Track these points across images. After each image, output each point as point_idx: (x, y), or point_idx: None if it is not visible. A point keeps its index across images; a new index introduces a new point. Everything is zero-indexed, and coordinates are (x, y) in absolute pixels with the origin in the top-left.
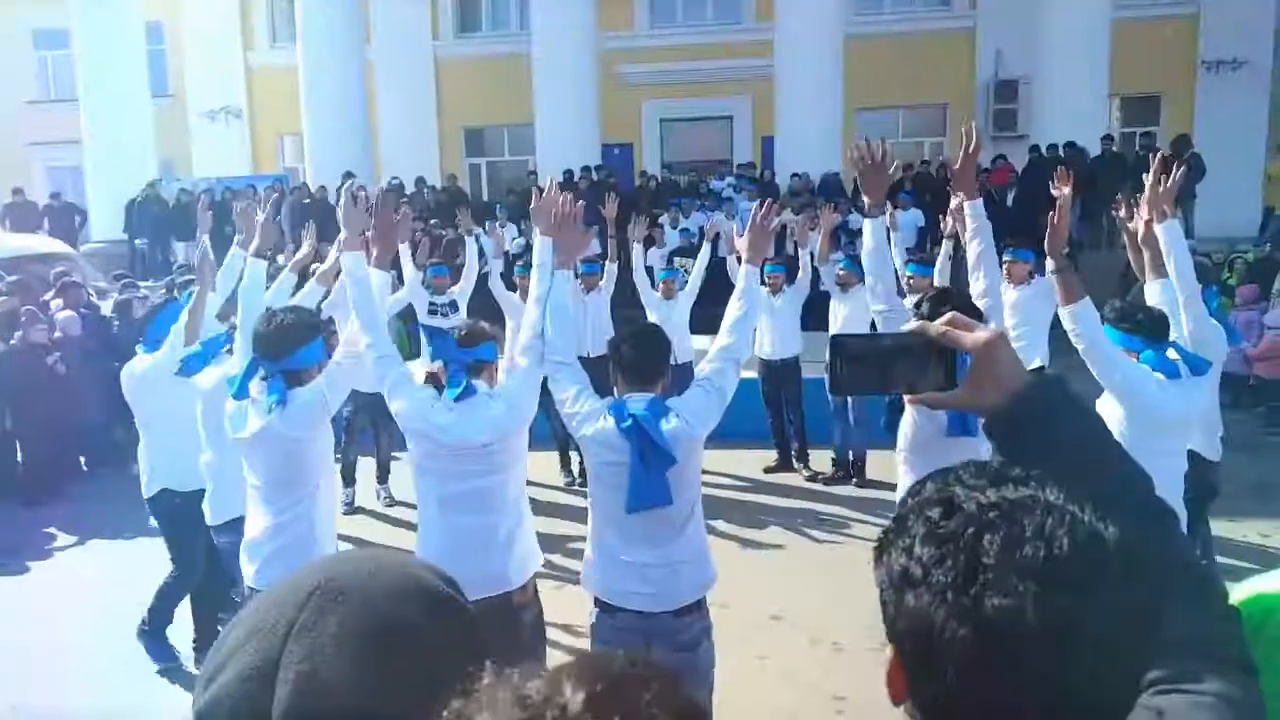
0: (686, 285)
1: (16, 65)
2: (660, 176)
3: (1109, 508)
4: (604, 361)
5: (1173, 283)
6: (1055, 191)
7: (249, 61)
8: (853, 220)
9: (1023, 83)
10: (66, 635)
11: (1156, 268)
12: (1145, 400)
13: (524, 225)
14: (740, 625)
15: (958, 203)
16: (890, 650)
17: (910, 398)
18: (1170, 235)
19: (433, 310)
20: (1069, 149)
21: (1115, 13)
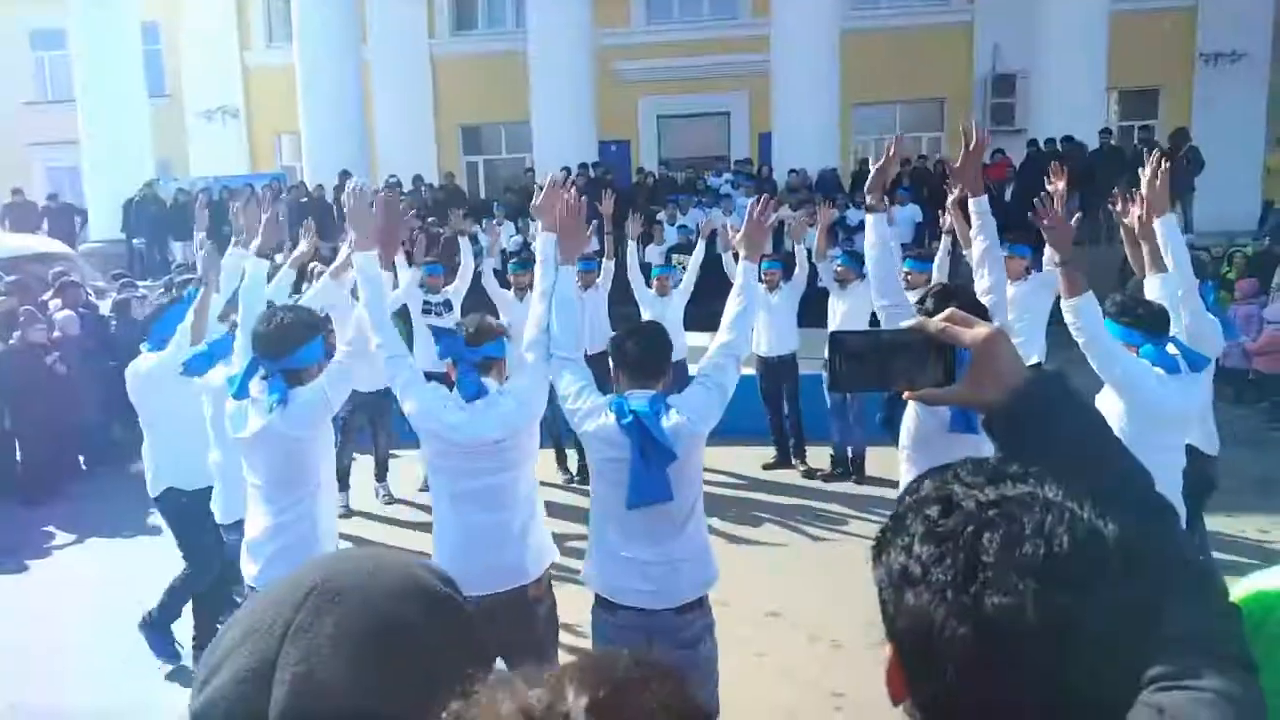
0: (681, 282)
1: (13, 66)
2: (657, 173)
3: (1109, 504)
4: (602, 358)
5: (1171, 278)
6: (1050, 186)
7: (245, 61)
8: (850, 216)
9: (1020, 77)
10: (65, 634)
11: (1155, 262)
12: (1145, 395)
13: (521, 223)
14: (739, 622)
15: (955, 198)
16: (889, 649)
17: (909, 394)
18: (1167, 230)
19: (427, 309)
20: (1067, 143)
21: (1113, 6)
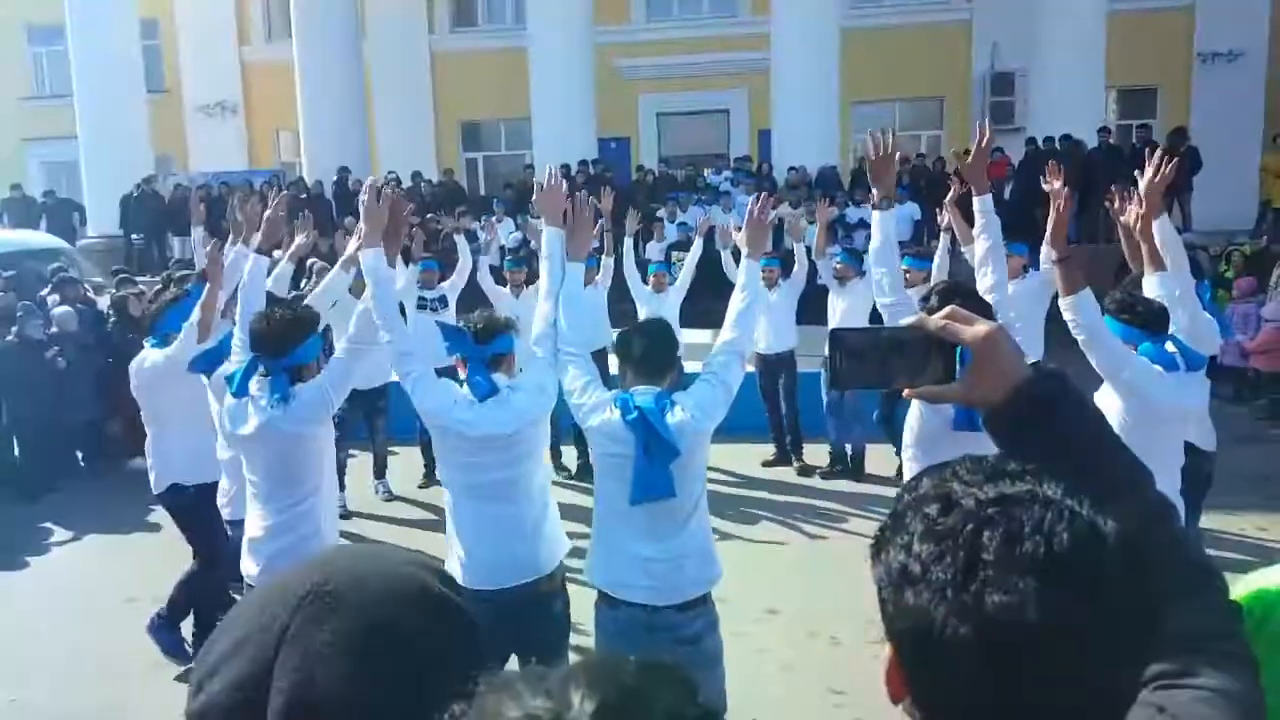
0: (678, 280)
1: (11, 62)
2: (657, 170)
3: (1109, 502)
4: (601, 356)
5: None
6: (1046, 186)
7: (244, 56)
8: (850, 214)
9: (1019, 75)
10: (64, 630)
11: (1154, 261)
12: (1145, 392)
13: (520, 220)
14: (738, 619)
15: (953, 196)
16: (888, 648)
17: (910, 392)
18: (1164, 230)
19: (422, 305)
20: (1065, 142)
21: (1111, 5)
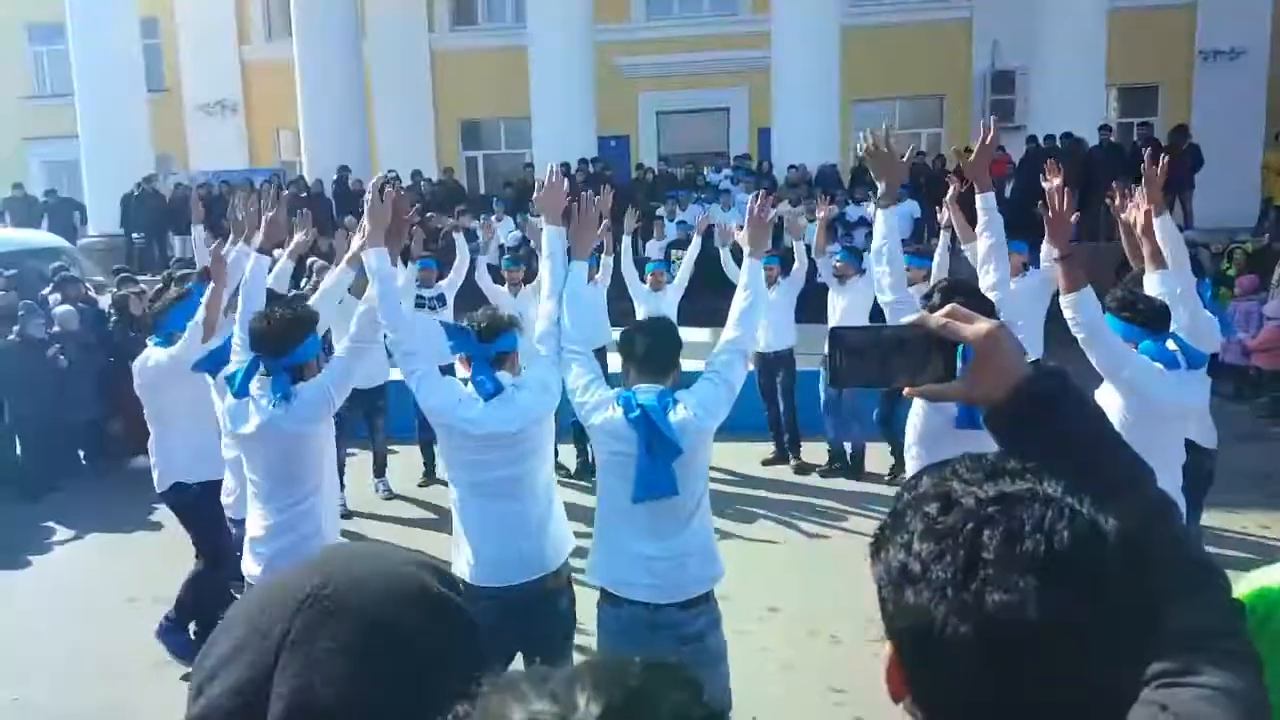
0: (675, 278)
1: (12, 61)
2: (657, 169)
3: (1110, 500)
4: (601, 354)
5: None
6: (1045, 184)
7: (244, 55)
8: (849, 212)
9: (1019, 73)
10: (65, 629)
11: (1155, 259)
12: (1145, 391)
13: (519, 218)
14: (739, 618)
15: (954, 194)
16: (889, 647)
17: (910, 390)
18: (1165, 229)
19: (420, 304)
20: (1066, 140)
21: (1112, 2)
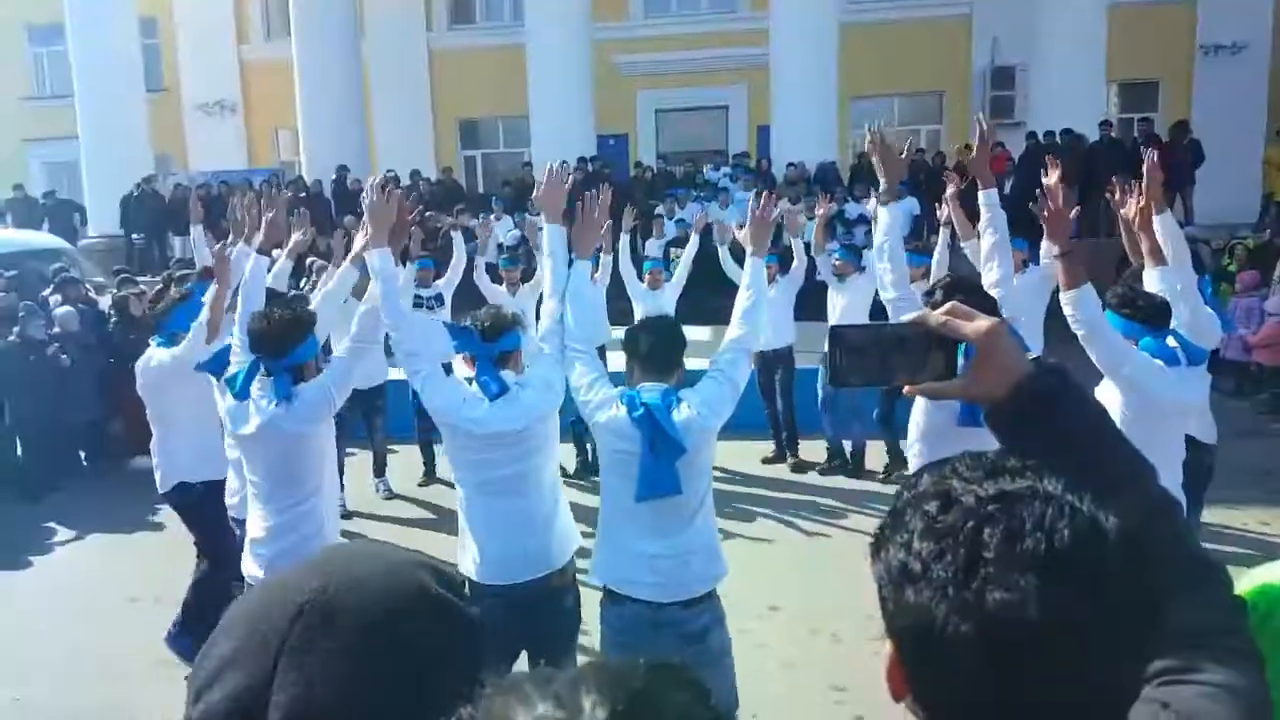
0: (673, 276)
1: (11, 62)
2: (655, 167)
3: (1111, 497)
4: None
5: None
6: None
7: (243, 55)
8: (849, 210)
9: (1019, 69)
10: (65, 629)
11: (1155, 256)
12: (1145, 387)
13: (518, 217)
14: (739, 616)
15: (953, 191)
16: (889, 646)
17: (910, 388)
18: (1166, 226)
19: (418, 303)
20: (1066, 136)
21: None
